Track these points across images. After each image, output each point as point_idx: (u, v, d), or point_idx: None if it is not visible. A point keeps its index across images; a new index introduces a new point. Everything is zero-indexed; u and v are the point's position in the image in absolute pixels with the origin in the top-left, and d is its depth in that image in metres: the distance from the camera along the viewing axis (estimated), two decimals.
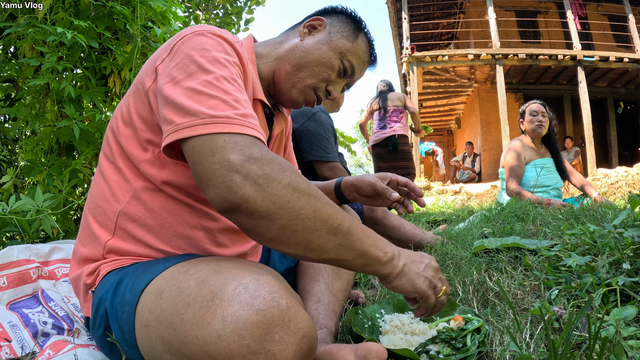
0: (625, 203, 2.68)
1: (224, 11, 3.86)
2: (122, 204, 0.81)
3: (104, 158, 0.87)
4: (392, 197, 1.05)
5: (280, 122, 1.07)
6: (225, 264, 0.65)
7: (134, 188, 0.81)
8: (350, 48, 1.00)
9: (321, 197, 0.67)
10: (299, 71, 0.97)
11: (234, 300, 0.56)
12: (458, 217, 2.98)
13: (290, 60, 0.98)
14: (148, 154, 0.80)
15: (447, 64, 9.83)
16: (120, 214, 0.81)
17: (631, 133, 11.88)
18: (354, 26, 1.03)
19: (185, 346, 0.57)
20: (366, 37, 1.04)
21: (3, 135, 2.30)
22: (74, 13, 1.72)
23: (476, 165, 10.53)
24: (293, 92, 0.98)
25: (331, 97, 1.03)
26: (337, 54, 0.99)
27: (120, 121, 0.84)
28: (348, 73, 1.02)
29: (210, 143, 0.65)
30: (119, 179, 0.83)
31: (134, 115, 0.81)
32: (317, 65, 0.97)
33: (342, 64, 1.00)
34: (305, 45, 0.99)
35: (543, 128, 3.06)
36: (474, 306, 1.07)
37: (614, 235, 1.04)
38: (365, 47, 1.04)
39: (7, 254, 1.10)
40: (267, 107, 0.98)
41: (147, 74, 0.81)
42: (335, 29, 1.01)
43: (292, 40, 1.01)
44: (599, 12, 11.09)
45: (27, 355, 0.87)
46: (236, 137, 0.66)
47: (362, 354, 0.78)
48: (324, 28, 1.01)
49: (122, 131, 0.83)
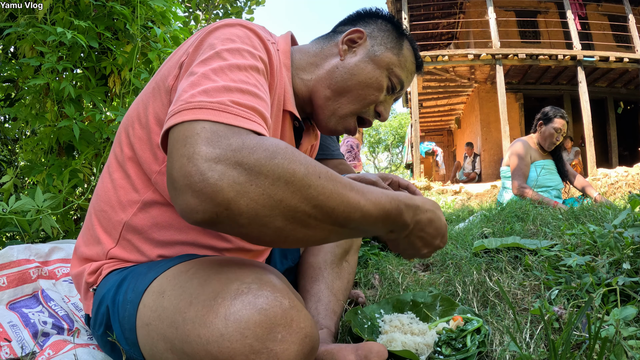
0: (625, 203, 2.68)
1: (224, 11, 3.86)
2: (128, 214, 0.78)
3: (114, 159, 0.82)
4: None
5: (310, 138, 1.00)
6: (228, 264, 0.64)
7: (143, 200, 0.77)
8: (396, 62, 0.91)
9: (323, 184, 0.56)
10: (341, 96, 0.89)
11: (237, 299, 0.56)
12: (458, 217, 2.98)
13: (331, 84, 0.88)
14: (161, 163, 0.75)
15: (447, 64, 9.83)
16: (126, 225, 0.78)
17: (631, 133, 11.87)
18: (396, 33, 0.93)
19: (187, 345, 0.57)
20: (410, 43, 0.95)
21: (3, 135, 2.30)
22: (73, 13, 1.72)
23: (476, 165, 10.53)
24: (332, 121, 0.90)
25: (382, 118, 0.94)
26: (384, 70, 0.90)
27: (137, 121, 0.78)
28: (397, 89, 0.93)
29: (187, 130, 0.55)
30: (127, 186, 0.79)
31: (150, 115, 0.75)
32: (362, 88, 0.88)
33: (390, 81, 0.91)
34: (347, 66, 0.89)
35: (554, 147, 3.05)
36: (474, 306, 1.07)
37: (614, 235, 1.04)
38: (411, 56, 0.94)
39: (7, 254, 1.10)
40: (297, 120, 0.89)
41: (171, 70, 0.74)
42: (378, 41, 0.91)
43: (331, 60, 0.91)
44: (599, 12, 11.09)
45: (27, 355, 0.87)
46: (219, 127, 0.55)
47: (363, 353, 0.78)
48: (364, 41, 0.91)
49: (137, 132, 0.77)
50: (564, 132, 3.00)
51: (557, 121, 2.98)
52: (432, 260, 1.50)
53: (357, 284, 1.41)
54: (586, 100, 9.13)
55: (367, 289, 1.34)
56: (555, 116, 2.99)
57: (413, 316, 1.05)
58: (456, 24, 12.32)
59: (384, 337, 0.94)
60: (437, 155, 12.58)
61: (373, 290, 1.32)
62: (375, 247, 1.74)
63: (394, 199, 0.67)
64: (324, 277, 1.07)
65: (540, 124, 3.06)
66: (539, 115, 3.09)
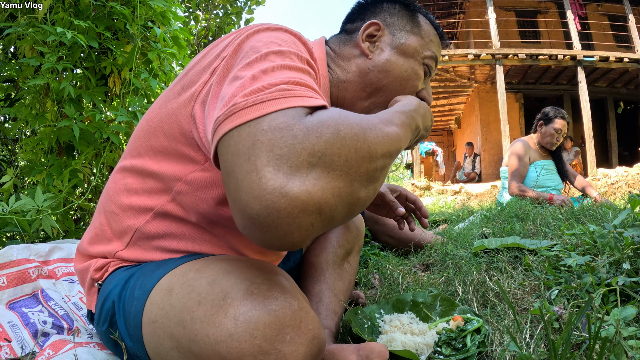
0: (625, 203, 2.68)
1: (224, 11, 3.86)
2: (141, 221, 0.76)
3: (129, 162, 0.78)
4: (398, 211, 1.04)
5: None
6: (237, 264, 0.64)
7: (158, 210, 0.75)
8: (423, 43, 0.86)
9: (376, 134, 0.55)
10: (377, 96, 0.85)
11: (247, 299, 0.56)
12: (458, 217, 2.98)
13: (366, 87, 0.85)
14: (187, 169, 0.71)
15: (447, 64, 9.83)
16: (138, 231, 0.77)
17: (631, 133, 11.88)
18: (408, 11, 0.88)
19: (194, 344, 0.57)
20: (425, 16, 0.90)
21: (3, 135, 2.30)
22: (73, 13, 1.72)
23: (476, 165, 10.54)
24: None
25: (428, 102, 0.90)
26: (417, 58, 0.86)
27: (159, 128, 0.73)
28: (433, 67, 0.88)
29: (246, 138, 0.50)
30: (142, 192, 0.76)
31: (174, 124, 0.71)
32: (400, 83, 0.84)
33: (426, 66, 0.87)
34: (378, 64, 0.84)
35: (555, 147, 3.04)
36: (474, 306, 1.07)
37: (613, 235, 1.04)
38: (431, 29, 0.89)
39: (7, 254, 1.10)
40: None
41: (199, 74, 0.68)
42: (397, 28, 0.87)
43: (356, 61, 0.86)
44: (599, 12, 11.10)
45: (27, 355, 0.87)
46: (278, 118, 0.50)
47: (365, 353, 0.78)
48: (383, 32, 0.87)
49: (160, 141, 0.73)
50: (565, 132, 2.99)
51: (557, 122, 2.97)
52: (432, 260, 1.50)
53: (357, 284, 1.41)
54: (586, 100, 9.13)
55: (367, 289, 1.34)
56: (556, 116, 2.98)
57: (413, 316, 1.05)
58: (456, 24, 12.33)
59: (384, 337, 0.94)
60: (437, 155, 12.59)
61: (373, 290, 1.32)
62: (375, 247, 1.74)
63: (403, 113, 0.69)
64: (326, 278, 1.07)
65: (540, 124, 3.06)
66: (540, 116, 3.08)
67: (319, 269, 1.09)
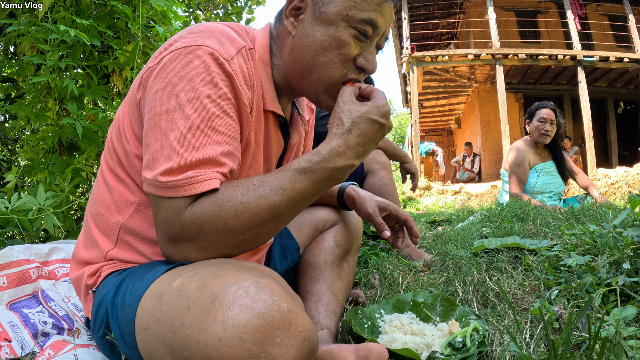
0: (625, 203, 2.68)
1: (224, 11, 3.86)
2: (124, 216, 0.79)
3: (105, 162, 0.84)
4: (384, 235, 1.04)
5: (298, 130, 0.95)
6: (225, 267, 0.64)
7: (138, 202, 0.79)
8: (351, 4, 0.76)
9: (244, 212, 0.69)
10: (310, 75, 0.79)
11: (235, 303, 0.56)
12: (458, 217, 2.98)
13: (295, 68, 0.80)
14: None
15: (447, 64, 9.83)
16: (123, 226, 0.79)
17: (631, 133, 11.87)
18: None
19: (185, 350, 0.57)
20: None
21: (3, 135, 2.30)
22: (75, 12, 1.72)
23: (476, 166, 10.54)
24: (321, 98, 0.82)
25: (367, 71, 0.81)
26: (340, 23, 0.76)
27: (121, 130, 0.81)
28: (370, 33, 0.78)
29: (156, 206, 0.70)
30: (121, 189, 0.81)
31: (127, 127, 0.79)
32: (323, 56, 0.77)
33: (355, 29, 0.77)
34: (298, 42, 0.79)
35: (548, 138, 2.93)
36: (474, 306, 1.07)
37: (613, 235, 1.04)
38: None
39: (7, 254, 1.10)
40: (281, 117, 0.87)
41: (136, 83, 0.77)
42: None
43: (286, 41, 0.82)
44: (599, 12, 11.08)
45: (27, 355, 0.87)
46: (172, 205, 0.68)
47: (363, 354, 0.78)
48: (307, 3, 0.79)
49: (123, 143, 0.80)
50: (553, 119, 2.93)
51: (538, 112, 2.96)
52: (432, 260, 1.50)
53: (357, 284, 1.41)
54: (586, 100, 9.13)
55: (367, 289, 1.34)
56: (538, 108, 2.98)
57: (413, 316, 1.05)
58: (456, 24, 12.32)
59: (385, 337, 0.94)
60: (437, 155, 12.59)
61: (373, 290, 1.32)
62: (376, 247, 1.74)
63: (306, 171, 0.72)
64: (325, 278, 1.07)
65: (527, 123, 3.06)
66: (525, 116, 3.09)
67: (317, 268, 1.09)
